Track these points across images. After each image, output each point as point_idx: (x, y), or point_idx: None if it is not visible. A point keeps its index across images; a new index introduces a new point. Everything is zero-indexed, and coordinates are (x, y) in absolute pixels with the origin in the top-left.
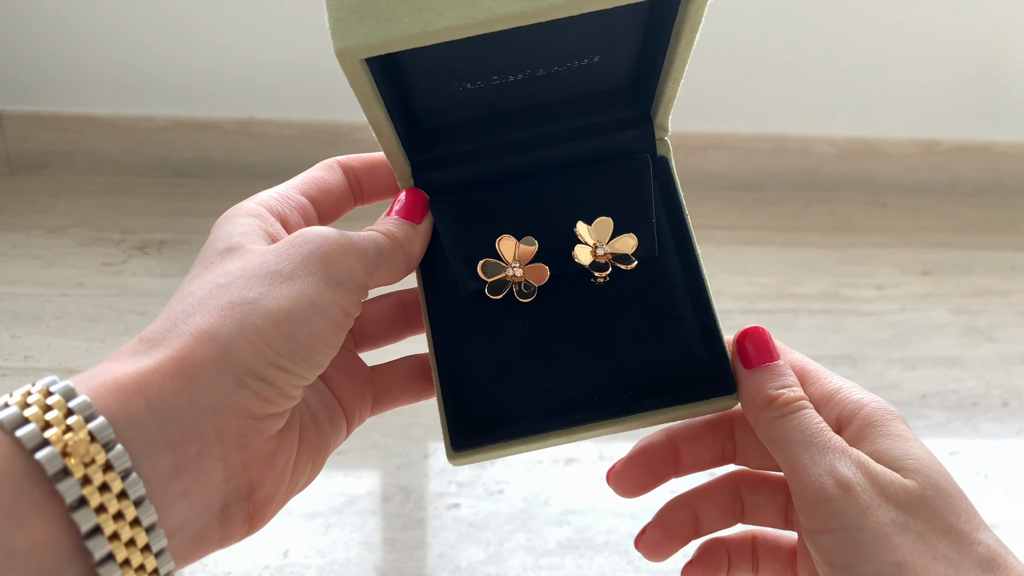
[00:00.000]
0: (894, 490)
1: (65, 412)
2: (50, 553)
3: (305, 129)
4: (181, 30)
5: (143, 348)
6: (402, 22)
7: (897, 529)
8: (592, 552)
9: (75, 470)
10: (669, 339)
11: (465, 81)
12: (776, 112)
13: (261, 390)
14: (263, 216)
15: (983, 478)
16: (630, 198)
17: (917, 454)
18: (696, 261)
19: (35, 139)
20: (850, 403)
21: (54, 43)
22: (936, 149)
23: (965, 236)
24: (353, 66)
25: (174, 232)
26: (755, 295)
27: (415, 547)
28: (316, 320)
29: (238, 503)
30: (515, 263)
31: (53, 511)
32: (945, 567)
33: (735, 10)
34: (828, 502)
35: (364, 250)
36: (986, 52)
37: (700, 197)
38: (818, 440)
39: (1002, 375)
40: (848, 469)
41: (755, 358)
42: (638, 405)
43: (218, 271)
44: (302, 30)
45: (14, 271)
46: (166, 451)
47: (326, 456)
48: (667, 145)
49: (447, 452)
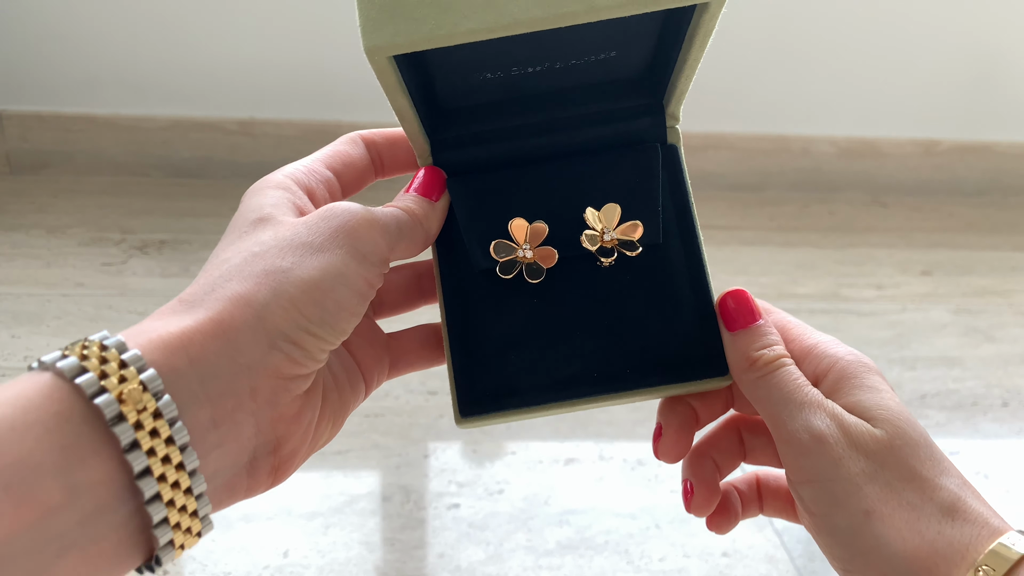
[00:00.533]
0: (864, 440)
1: (119, 363)
2: (105, 491)
3: (305, 129)
4: (181, 30)
5: (183, 309)
6: (428, 23)
7: (866, 479)
8: (592, 552)
9: (129, 416)
10: (668, 322)
11: (486, 71)
12: (776, 112)
13: (292, 352)
14: (291, 189)
15: (983, 478)
16: (638, 186)
17: (887, 404)
18: (698, 250)
19: (35, 139)
20: (827, 357)
21: (54, 43)
22: (936, 149)
23: (965, 236)
24: (381, 62)
25: (174, 232)
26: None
27: (415, 547)
28: (343, 290)
29: (265, 457)
30: (525, 245)
31: (108, 452)
32: (908, 512)
33: (735, 10)
34: (805, 455)
35: (387, 226)
36: (986, 52)
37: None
38: (796, 396)
39: (1002, 375)
40: (822, 422)
41: (737, 319)
42: (636, 383)
43: (252, 240)
44: (302, 30)
45: (14, 271)
46: (206, 404)
47: (345, 416)
48: (677, 133)
49: (455, 417)
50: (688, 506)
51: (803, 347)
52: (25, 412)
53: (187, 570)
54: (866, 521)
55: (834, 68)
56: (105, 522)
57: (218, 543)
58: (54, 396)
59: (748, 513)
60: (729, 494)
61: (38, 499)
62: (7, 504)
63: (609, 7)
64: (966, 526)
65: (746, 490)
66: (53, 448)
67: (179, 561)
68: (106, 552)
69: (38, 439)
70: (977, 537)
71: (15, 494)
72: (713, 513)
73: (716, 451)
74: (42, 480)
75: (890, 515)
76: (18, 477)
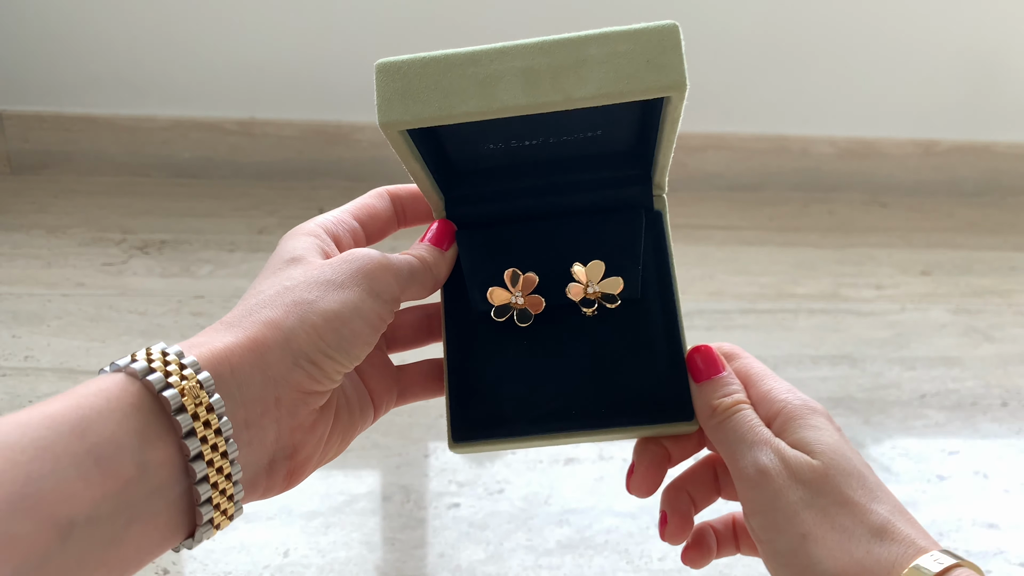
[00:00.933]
0: (802, 470)
1: (179, 366)
2: (165, 471)
3: (305, 129)
4: (181, 30)
5: (224, 329)
6: (433, 105)
7: (804, 506)
8: (592, 552)
9: (188, 407)
10: (642, 370)
11: (489, 143)
12: (776, 112)
13: (311, 371)
14: (320, 236)
15: (982, 478)
16: (622, 246)
17: (826, 440)
18: (674, 306)
19: (36, 139)
20: (777, 401)
21: (55, 43)
22: (935, 149)
23: (964, 236)
24: (393, 135)
25: (175, 232)
26: (755, 295)
27: (415, 547)
28: (358, 321)
29: (283, 461)
30: (518, 293)
31: (170, 438)
32: (840, 534)
33: (735, 11)
34: (752, 488)
35: (399, 270)
36: (986, 52)
37: (700, 197)
38: (748, 436)
39: (1001, 375)
40: (767, 457)
41: (703, 372)
42: (611, 422)
43: (284, 275)
44: (303, 30)
45: (15, 271)
46: (241, 407)
47: (354, 436)
48: (663, 201)
49: (448, 442)
50: (663, 534)
51: (759, 392)
52: (108, 401)
53: (188, 570)
54: (802, 543)
55: (834, 68)
56: (164, 497)
57: (218, 543)
58: (129, 390)
59: (724, 551)
60: (704, 531)
61: (119, 472)
62: (98, 474)
63: (583, 98)
64: (893, 545)
65: (722, 529)
66: (129, 432)
67: (180, 561)
68: (160, 526)
69: (119, 423)
70: (903, 555)
71: (104, 467)
72: (688, 547)
73: (692, 485)
74: (123, 456)
75: (823, 537)
76: (106, 452)
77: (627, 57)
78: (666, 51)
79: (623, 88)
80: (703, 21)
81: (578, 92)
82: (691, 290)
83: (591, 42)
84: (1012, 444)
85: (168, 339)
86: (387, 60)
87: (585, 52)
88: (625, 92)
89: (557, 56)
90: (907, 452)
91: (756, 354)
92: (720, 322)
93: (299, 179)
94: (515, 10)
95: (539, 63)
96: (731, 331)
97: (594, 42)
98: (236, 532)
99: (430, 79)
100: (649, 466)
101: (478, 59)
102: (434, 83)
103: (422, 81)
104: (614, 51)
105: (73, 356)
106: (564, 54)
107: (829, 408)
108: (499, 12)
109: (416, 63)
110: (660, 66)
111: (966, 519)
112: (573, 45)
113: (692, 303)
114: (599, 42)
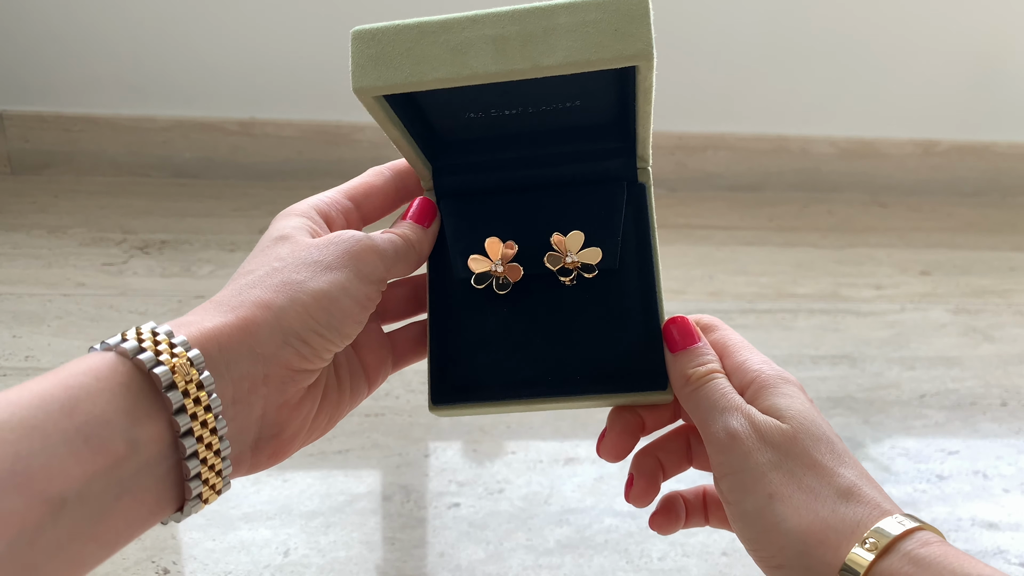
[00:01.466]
0: (772, 434)
1: (169, 345)
2: (155, 447)
3: (305, 129)
4: (182, 30)
5: (214, 308)
6: (404, 71)
7: (771, 467)
8: (592, 551)
9: (179, 384)
10: (617, 339)
11: (468, 112)
12: (776, 112)
13: (301, 349)
14: (311, 216)
15: (982, 478)
16: (602, 217)
17: (797, 407)
18: (653, 277)
19: (36, 139)
20: (751, 371)
21: (55, 43)
22: (935, 149)
23: (964, 236)
24: (367, 100)
25: (175, 232)
26: (754, 295)
27: (415, 546)
28: (346, 300)
29: (268, 439)
30: (497, 261)
31: (159, 415)
32: (807, 495)
33: (735, 11)
34: (722, 451)
35: (384, 251)
36: (986, 52)
37: (700, 197)
38: (720, 403)
39: (1001, 375)
40: (737, 421)
41: (678, 342)
42: (585, 389)
43: (273, 255)
44: (302, 30)
45: (15, 271)
46: (229, 384)
47: (343, 414)
48: (648, 174)
49: (429, 405)
50: (627, 495)
51: (735, 363)
52: (97, 380)
53: (188, 570)
54: (769, 503)
55: (834, 68)
56: (152, 473)
57: (219, 543)
58: (119, 369)
59: (693, 521)
60: (674, 499)
61: (109, 449)
62: (87, 452)
63: (551, 67)
64: (859, 507)
65: (692, 499)
66: (119, 410)
67: (180, 561)
68: (149, 501)
69: (108, 402)
70: (868, 516)
71: (94, 445)
72: (655, 512)
73: (662, 451)
74: (113, 434)
75: (790, 496)
76: (96, 431)
77: (595, 26)
78: (634, 20)
79: (590, 56)
80: (703, 21)
81: (545, 60)
82: (691, 290)
83: (560, 11)
84: (1012, 444)
85: None
86: (362, 27)
87: (554, 21)
88: (592, 61)
89: (527, 24)
90: (906, 452)
91: None
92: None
93: (299, 179)
94: None
95: (509, 31)
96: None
97: (564, 11)
98: (236, 532)
99: (403, 46)
100: (621, 432)
101: (450, 27)
102: (406, 50)
103: (395, 48)
104: (583, 20)
105: (73, 356)
106: (534, 22)
107: (829, 408)
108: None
109: (390, 30)
110: (627, 35)
111: (966, 519)
112: (543, 13)
113: (692, 303)
114: (569, 11)
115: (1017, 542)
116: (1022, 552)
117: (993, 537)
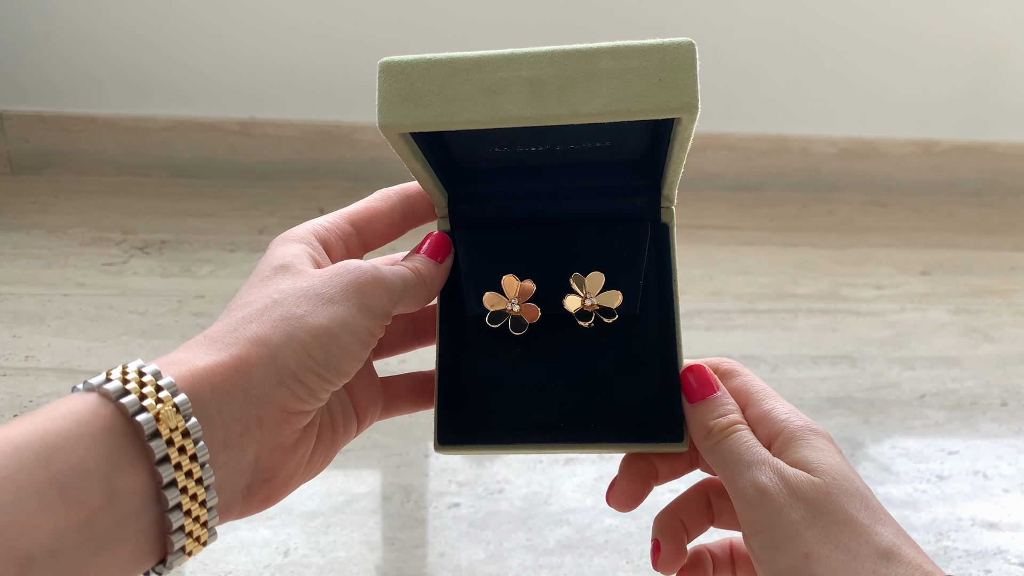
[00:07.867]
0: (803, 488)
1: (155, 388)
2: (136, 498)
3: (305, 129)
4: (181, 30)
5: (207, 344)
6: (434, 110)
7: (805, 524)
8: (592, 551)
9: (163, 433)
10: (634, 387)
11: (494, 146)
12: (776, 112)
13: (297, 390)
14: (311, 242)
15: (982, 478)
16: (625, 258)
17: (827, 460)
18: (673, 323)
19: (36, 139)
20: (778, 420)
21: (55, 43)
22: (935, 149)
23: (964, 236)
24: (393, 137)
25: (175, 232)
26: (755, 295)
27: (415, 546)
28: (348, 337)
29: (261, 484)
30: (514, 300)
31: (141, 464)
32: (845, 554)
33: (735, 11)
34: (752, 507)
35: (392, 284)
36: (986, 52)
37: (700, 197)
38: (746, 457)
39: (1001, 375)
40: (766, 476)
41: (697, 392)
42: (598, 437)
43: (272, 287)
44: (303, 30)
45: (15, 271)
46: (220, 428)
47: (335, 453)
48: (671, 213)
49: (434, 443)
50: (655, 563)
51: (760, 412)
52: (78, 425)
53: (188, 570)
54: (805, 563)
55: (834, 68)
56: (132, 526)
57: (219, 543)
58: (100, 413)
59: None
60: (701, 555)
61: (85, 501)
62: (61, 504)
63: (590, 114)
64: (900, 567)
65: (719, 554)
66: (98, 457)
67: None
68: (128, 555)
69: (87, 449)
70: None
71: (69, 496)
72: (683, 569)
73: (684, 513)
74: (90, 485)
75: (827, 556)
76: (72, 481)
77: (638, 74)
78: (679, 70)
79: (631, 106)
80: (704, 21)
81: (585, 107)
82: (691, 290)
83: (602, 55)
84: (1012, 444)
85: (168, 339)
86: (391, 59)
87: (595, 65)
88: (634, 111)
89: (566, 67)
90: (907, 452)
91: (756, 354)
92: (720, 322)
93: (299, 179)
94: (516, 10)
95: (547, 74)
96: (731, 331)
97: (605, 55)
98: (236, 532)
99: (434, 82)
100: (631, 481)
101: (484, 65)
102: (438, 87)
103: (425, 84)
104: (625, 66)
105: (73, 356)
106: (573, 66)
107: (829, 408)
108: (500, 13)
109: (420, 64)
110: (672, 86)
111: (966, 519)
112: (583, 57)
113: (692, 303)
114: (610, 56)
115: (1017, 542)
116: (1022, 552)
117: (993, 537)
